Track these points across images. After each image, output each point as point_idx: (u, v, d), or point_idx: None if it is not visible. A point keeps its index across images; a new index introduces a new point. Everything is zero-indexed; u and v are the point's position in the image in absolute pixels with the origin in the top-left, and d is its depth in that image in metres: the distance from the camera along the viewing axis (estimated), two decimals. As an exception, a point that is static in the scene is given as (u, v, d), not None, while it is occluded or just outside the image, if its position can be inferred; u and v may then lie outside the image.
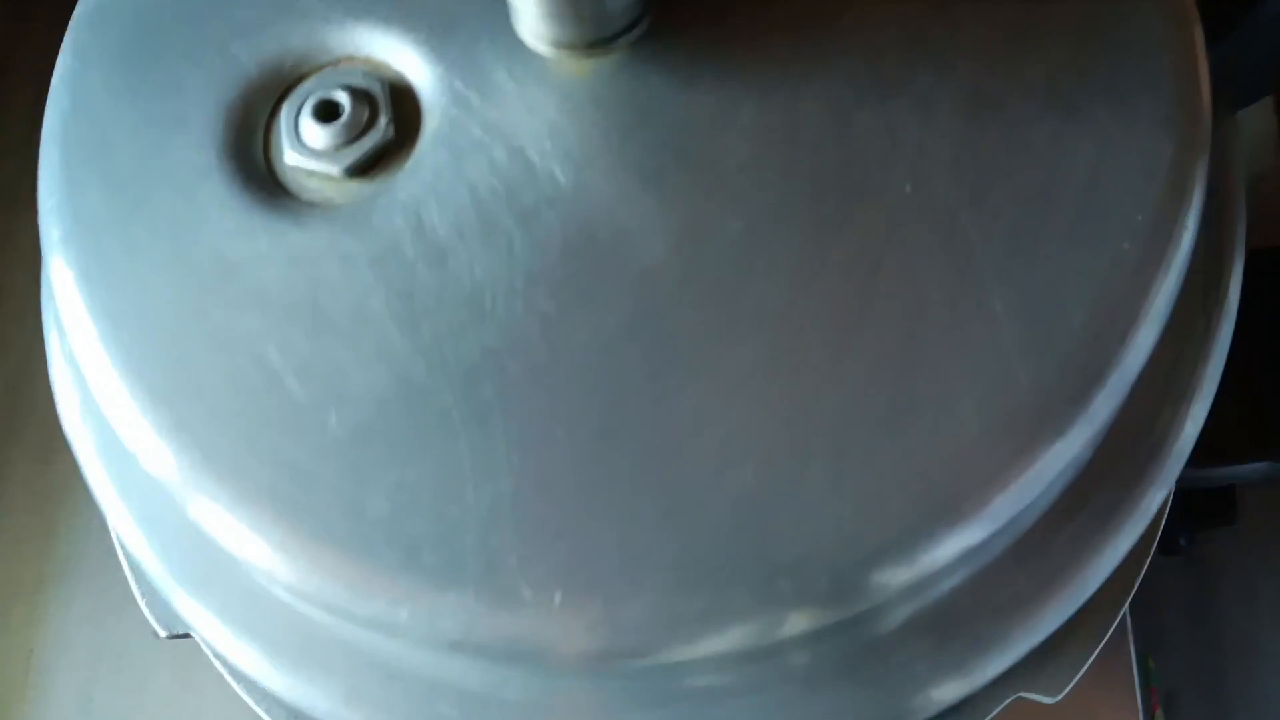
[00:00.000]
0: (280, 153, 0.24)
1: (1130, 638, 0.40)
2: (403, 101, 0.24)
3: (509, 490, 0.21)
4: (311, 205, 0.24)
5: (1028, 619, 0.25)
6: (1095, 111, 0.23)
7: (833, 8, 0.24)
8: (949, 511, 0.21)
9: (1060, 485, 0.23)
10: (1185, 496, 0.40)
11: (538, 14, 0.23)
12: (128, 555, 0.28)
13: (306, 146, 0.24)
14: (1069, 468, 0.22)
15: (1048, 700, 0.28)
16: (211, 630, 0.26)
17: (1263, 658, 0.48)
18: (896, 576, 0.21)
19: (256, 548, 0.22)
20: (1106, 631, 0.30)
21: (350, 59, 0.25)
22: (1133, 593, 0.30)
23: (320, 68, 0.25)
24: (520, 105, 0.24)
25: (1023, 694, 0.28)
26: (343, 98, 0.24)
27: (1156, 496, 0.25)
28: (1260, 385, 0.36)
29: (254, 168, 0.25)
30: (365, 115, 0.24)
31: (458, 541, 0.21)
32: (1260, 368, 0.36)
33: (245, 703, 0.30)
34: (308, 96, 0.25)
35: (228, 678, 0.30)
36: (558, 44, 0.23)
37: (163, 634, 0.29)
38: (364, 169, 0.24)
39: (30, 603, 0.46)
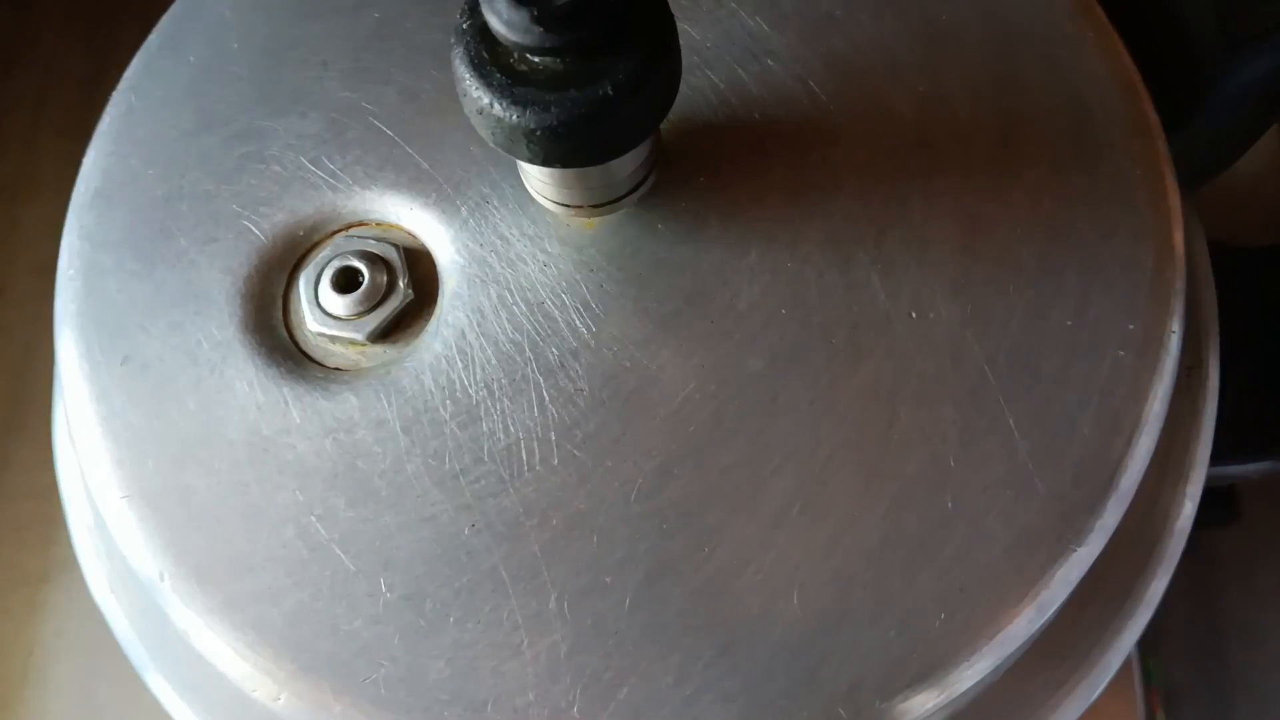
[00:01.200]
0: (302, 321, 0.25)
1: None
2: (418, 263, 0.25)
3: (565, 641, 0.22)
4: (338, 371, 0.25)
5: (1060, 704, 0.26)
6: (1078, 229, 0.24)
7: (822, 149, 0.25)
8: (988, 625, 0.22)
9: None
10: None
11: (548, 184, 0.24)
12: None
13: (329, 315, 0.25)
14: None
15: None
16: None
17: (1265, 657, 0.49)
18: (941, 692, 0.22)
19: (321, 722, 0.22)
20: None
21: (362, 224, 0.26)
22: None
23: (332, 234, 0.26)
24: (534, 261, 0.25)
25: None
26: (360, 265, 0.25)
27: (1164, 578, 0.26)
28: (1259, 384, 0.37)
29: (276, 339, 0.25)
30: (384, 281, 0.25)
31: (520, 697, 0.22)
32: (1260, 367, 0.37)
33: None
34: (325, 265, 0.25)
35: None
36: (568, 206, 0.24)
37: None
38: (387, 333, 0.25)
39: (33, 593, 0.46)
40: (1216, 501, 0.42)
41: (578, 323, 0.24)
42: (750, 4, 0.26)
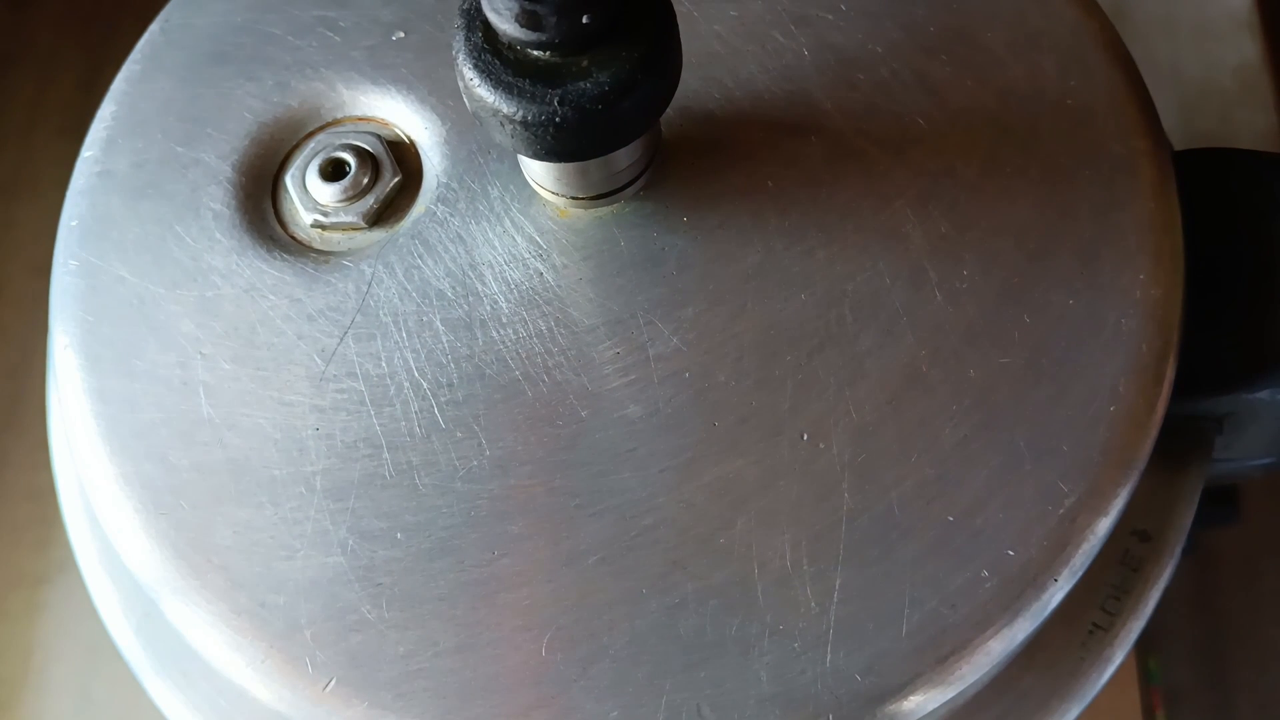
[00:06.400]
0: (285, 192, 0.26)
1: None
2: (404, 188, 0.26)
3: (335, 570, 0.23)
4: (294, 241, 0.26)
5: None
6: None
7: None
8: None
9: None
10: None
11: (544, 173, 0.24)
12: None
13: (309, 194, 0.26)
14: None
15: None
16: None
17: (1267, 657, 0.48)
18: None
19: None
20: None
21: (385, 123, 0.27)
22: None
23: (351, 120, 0.27)
24: (498, 227, 0.25)
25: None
26: (350, 159, 0.26)
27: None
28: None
29: (263, 187, 0.26)
30: (366, 179, 0.26)
31: (274, 596, 0.23)
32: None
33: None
34: (324, 149, 0.26)
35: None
36: (557, 195, 0.25)
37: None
38: (344, 227, 0.26)
39: (31, 595, 0.46)
40: (1216, 501, 0.40)
41: (501, 301, 0.24)
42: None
